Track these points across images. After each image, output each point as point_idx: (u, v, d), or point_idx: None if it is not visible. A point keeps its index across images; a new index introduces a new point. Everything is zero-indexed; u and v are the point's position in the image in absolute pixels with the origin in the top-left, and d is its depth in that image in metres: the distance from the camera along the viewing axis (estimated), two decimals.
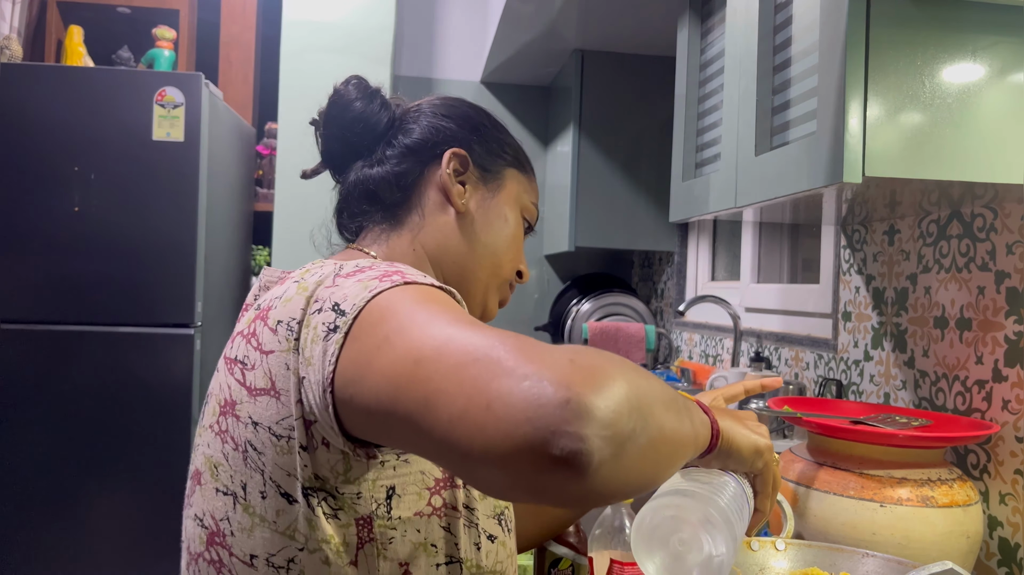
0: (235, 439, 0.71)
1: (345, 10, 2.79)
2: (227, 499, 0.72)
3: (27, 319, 2.47)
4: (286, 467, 0.68)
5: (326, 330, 0.63)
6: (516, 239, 0.95)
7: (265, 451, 0.69)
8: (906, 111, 0.94)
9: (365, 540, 0.70)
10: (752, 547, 1.11)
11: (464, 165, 0.92)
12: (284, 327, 0.68)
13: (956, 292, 1.29)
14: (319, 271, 0.72)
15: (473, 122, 0.95)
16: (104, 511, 2.49)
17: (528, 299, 3.25)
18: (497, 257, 0.93)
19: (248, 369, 0.71)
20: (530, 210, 0.97)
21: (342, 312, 0.63)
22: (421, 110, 0.95)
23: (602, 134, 2.68)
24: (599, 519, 1.05)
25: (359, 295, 0.64)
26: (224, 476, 0.72)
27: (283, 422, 0.68)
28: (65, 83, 2.47)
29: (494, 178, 0.94)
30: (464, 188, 0.92)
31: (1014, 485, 1.16)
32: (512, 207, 0.95)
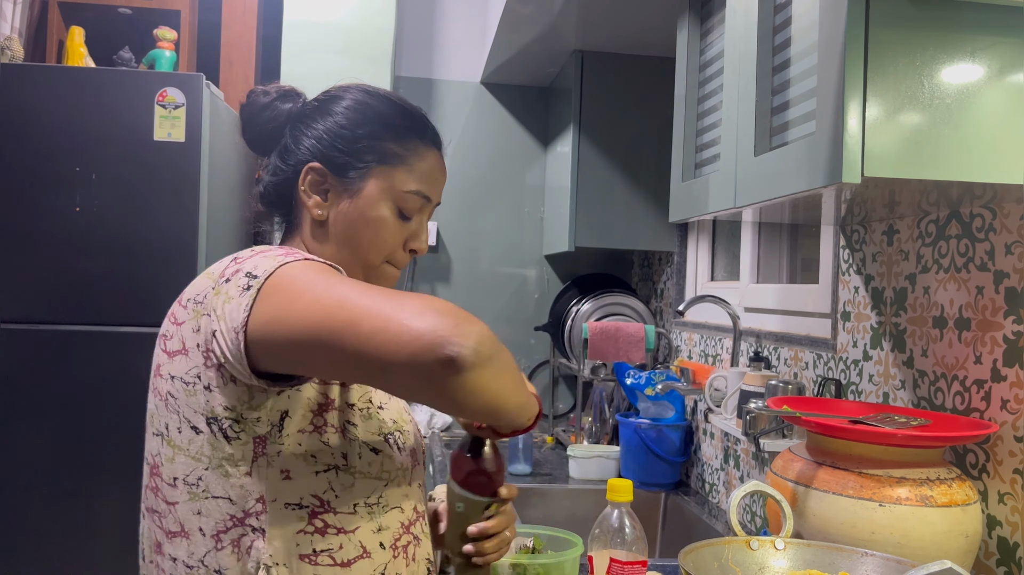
0: (160, 392, 0.93)
1: (345, 11, 2.79)
2: (157, 439, 0.94)
3: (27, 319, 2.47)
4: (193, 406, 0.90)
5: (239, 290, 0.85)
6: (385, 232, 1.02)
7: (178, 396, 0.91)
8: (905, 111, 0.94)
9: (259, 454, 0.90)
10: (752, 547, 1.11)
11: (323, 176, 1.02)
12: (192, 302, 0.91)
13: (955, 292, 1.30)
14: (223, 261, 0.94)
15: (337, 131, 1.02)
16: (104, 511, 2.49)
17: (528, 299, 3.26)
18: (362, 252, 1.02)
19: (168, 339, 0.94)
20: (407, 199, 1.03)
21: (254, 276, 0.85)
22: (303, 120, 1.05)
23: (602, 134, 2.68)
24: (599, 519, 1.06)
25: (269, 264, 0.85)
26: (156, 422, 0.94)
27: (190, 371, 0.90)
28: (66, 84, 2.47)
29: (355, 183, 1.01)
30: (326, 198, 1.02)
31: (1013, 484, 1.17)
32: (378, 205, 1.01)
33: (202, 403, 0.89)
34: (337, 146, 1.02)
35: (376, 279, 1.05)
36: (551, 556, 1.26)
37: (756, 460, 1.94)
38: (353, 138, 1.02)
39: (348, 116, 1.04)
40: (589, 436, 2.60)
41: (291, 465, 0.91)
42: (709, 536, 1.72)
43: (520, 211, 3.25)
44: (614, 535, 1.03)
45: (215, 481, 0.90)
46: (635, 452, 2.27)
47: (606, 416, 2.59)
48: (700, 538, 1.12)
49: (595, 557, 1.04)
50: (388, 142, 1.03)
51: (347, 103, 1.05)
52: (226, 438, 0.89)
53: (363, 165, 1.01)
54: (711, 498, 2.20)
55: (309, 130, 1.03)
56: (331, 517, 0.92)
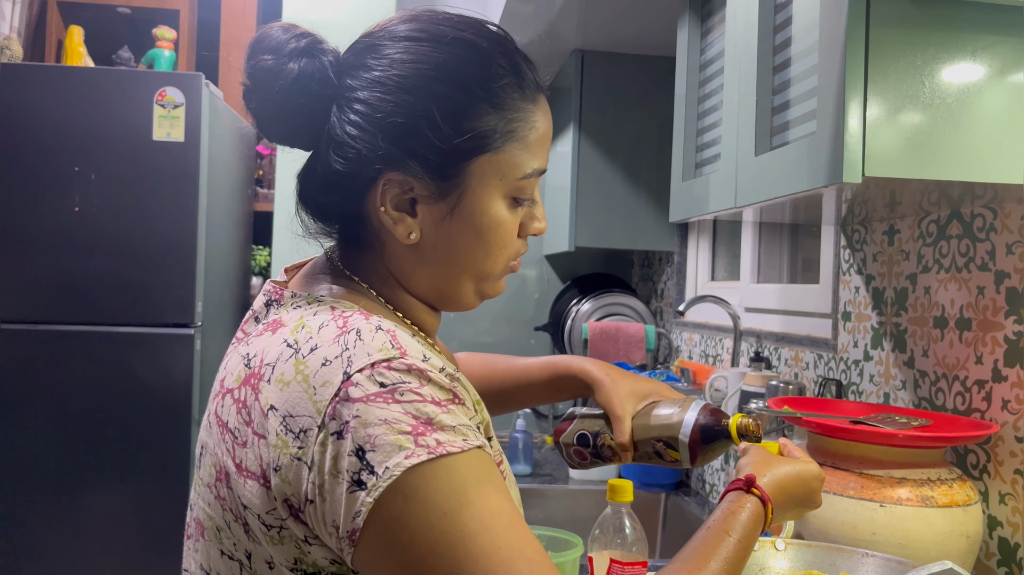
0: (233, 512, 0.70)
1: (345, 10, 2.79)
2: (233, 564, 0.72)
3: (27, 319, 2.47)
4: (285, 554, 0.68)
5: (350, 479, 0.63)
6: (500, 234, 0.78)
7: (258, 538, 0.69)
8: (906, 111, 0.94)
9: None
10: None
11: (407, 186, 0.74)
12: (279, 421, 0.66)
13: (956, 292, 1.30)
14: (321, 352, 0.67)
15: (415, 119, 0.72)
16: (104, 511, 2.49)
17: (528, 299, 3.25)
18: (474, 267, 0.79)
19: (239, 444, 0.69)
20: (523, 187, 0.78)
21: (370, 468, 0.63)
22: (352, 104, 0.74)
23: (602, 134, 2.68)
24: (599, 519, 1.05)
25: (389, 455, 0.63)
26: (227, 542, 0.72)
27: (272, 513, 0.67)
28: (65, 83, 2.47)
29: (454, 185, 0.75)
30: (413, 212, 0.76)
31: (1014, 485, 1.17)
32: (488, 204, 0.76)
33: (293, 555, 0.68)
34: (421, 139, 0.72)
35: (494, 284, 0.83)
36: (551, 556, 1.25)
37: None
38: (440, 123, 0.72)
39: (420, 89, 0.73)
40: None
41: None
42: None
43: None
44: (614, 536, 1.03)
45: None
46: None
47: None
48: None
49: (595, 558, 1.04)
50: (488, 115, 0.74)
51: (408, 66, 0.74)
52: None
53: (463, 160, 0.74)
54: (711, 498, 2.20)
55: (367, 119, 0.73)
56: None
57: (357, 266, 0.81)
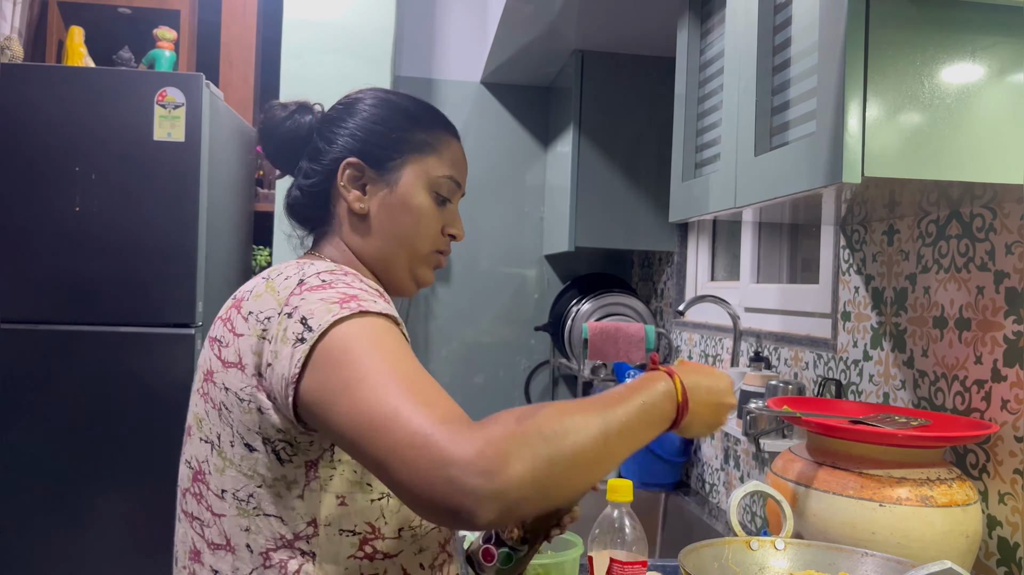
0: (213, 400, 0.92)
1: (345, 10, 2.79)
2: (207, 446, 0.93)
3: (27, 319, 2.47)
4: (248, 423, 0.88)
5: (294, 338, 0.83)
6: (427, 218, 1.05)
7: (232, 410, 0.90)
8: (905, 111, 0.94)
9: (312, 478, 0.89)
10: (752, 547, 1.11)
11: (360, 170, 1.04)
12: (254, 318, 0.89)
13: (955, 292, 1.30)
14: (285, 273, 0.92)
15: (372, 124, 1.05)
16: (104, 511, 2.49)
17: (528, 299, 3.26)
18: (409, 242, 1.05)
19: (223, 346, 0.92)
20: (441, 184, 1.06)
21: (309, 327, 0.83)
22: (331, 123, 1.08)
23: (602, 134, 2.68)
24: (599, 519, 1.06)
25: (323, 316, 0.83)
26: (206, 428, 0.94)
27: (245, 389, 0.88)
28: (66, 83, 2.47)
29: (391, 173, 1.04)
30: (364, 192, 1.05)
31: (1013, 485, 1.17)
32: (417, 192, 1.05)
33: (256, 422, 0.88)
34: (372, 140, 1.05)
35: (424, 269, 1.08)
36: (551, 556, 1.26)
37: (756, 460, 1.94)
38: (386, 131, 1.05)
39: (377, 112, 1.07)
40: None
41: (347, 491, 0.90)
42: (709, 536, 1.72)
43: (520, 211, 3.25)
44: (614, 535, 1.03)
45: (267, 500, 0.89)
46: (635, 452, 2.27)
47: None
48: (700, 538, 1.12)
49: (595, 557, 1.04)
50: (418, 132, 1.06)
51: (371, 102, 1.08)
52: (279, 460, 0.88)
53: (399, 155, 1.04)
54: (711, 498, 2.20)
55: (340, 129, 1.06)
56: (380, 543, 0.91)
57: (322, 246, 1.08)
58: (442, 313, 3.20)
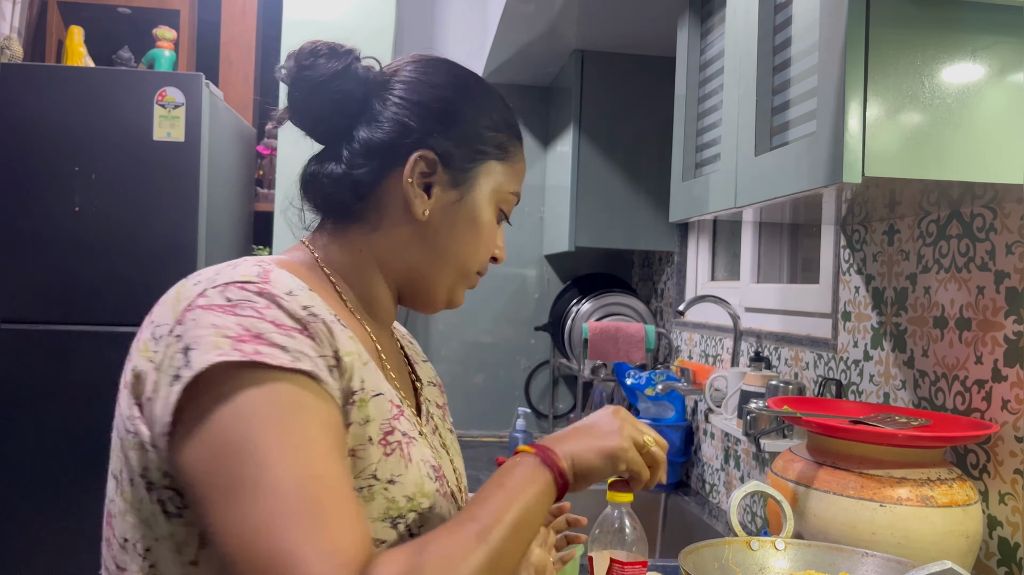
0: (116, 427, 0.75)
1: (345, 10, 2.79)
2: (113, 482, 0.76)
3: (27, 319, 2.47)
4: (134, 462, 0.71)
5: (172, 373, 0.68)
6: (486, 236, 0.88)
7: (124, 440, 0.73)
8: (906, 111, 0.94)
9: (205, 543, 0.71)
10: (752, 547, 1.11)
11: (432, 167, 0.84)
12: (149, 331, 0.73)
13: (956, 292, 1.30)
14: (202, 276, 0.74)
15: (451, 110, 0.85)
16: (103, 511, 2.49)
17: (528, 299, 3.26)
18: (462, 260, 0.88)
19: (128, 360, 0.75)
20: (508, 201, 0.90)
21: (188, 363, 0.67)
22: (392, 91, 0.85)
23: (602, 134, 2.68)
24: (599, 519, 1.05)
25: (206, 353, 0.66)
26: (112, 460, 0.76)
27: (130, 418, 0.72)
28: (66, 83, 2.47)
29: (467, 178, 0.86)
30: (429, 194, 0.85)
31: (1014, 485, 1.17)
32: (486, 205, 0.87)
33: (141, 461, 0.71)
34: (454, 132, 0.85)
35: (461, 289, 0.91)
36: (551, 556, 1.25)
37: (756, 460, 1.94)
38: (469, 121, 0.86)
39: (458, 88, 0.86)
40: None
41: None
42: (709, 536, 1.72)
43: (520, 211, 3.25)
44: (614, 535, 1.03)
45: (165, 558, 0.72)
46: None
47: None
48: (700, 538, 1.12)
49: (595, 558, 1.04)
50: (503, 133, 0.88)
51: (458, 80, 0.88)
52: (165, 513, 0.71)
53: (480, 158, 0.86)
54: (711, 498, 2.20)
55: (411, 101, 0.84)
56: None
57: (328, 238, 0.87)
58: (442, 313, 3.19)
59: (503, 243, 0.93)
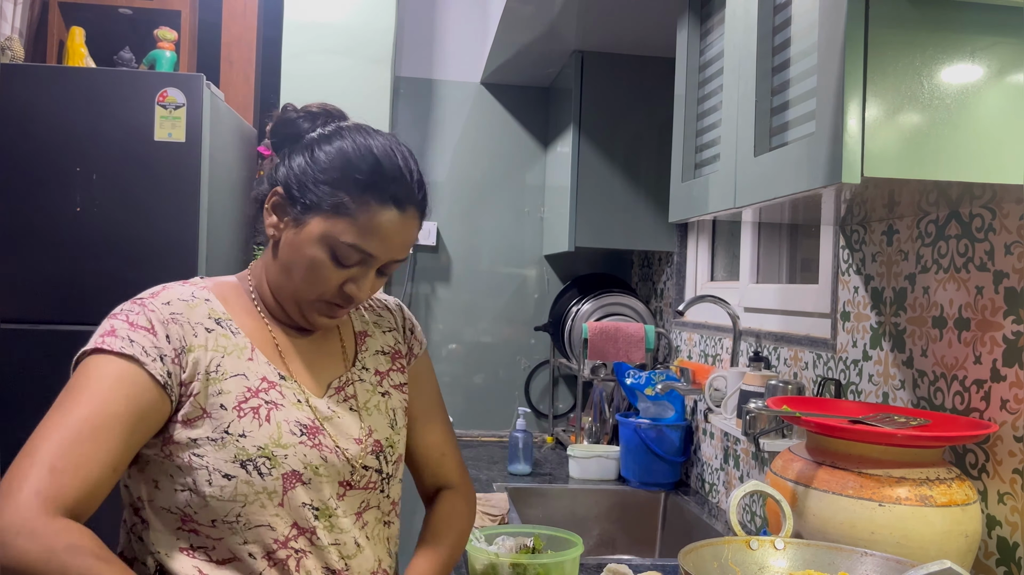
0: None
1: (346, 11, 2.80)
2: None
3: (27, 319, 2.47)
4: None
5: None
6: (316, 272, 1.07)
7: None
8: (905, 112, 0.95)
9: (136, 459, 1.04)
10: (751, 547, 1.11)
11: (282, 202, 1.09)
12: None
13: (954, 292, 1.30)
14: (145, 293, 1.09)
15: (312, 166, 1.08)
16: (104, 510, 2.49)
17: (528, 299, 3.26)
18: (293, 283, 1.09)
19: None
20: (342, 248, 1.06)
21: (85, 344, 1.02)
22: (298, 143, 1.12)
23: (602, 134, 2.68)
24: None
25: (89, 342, 1.01)
26: None
27: None
28: (67, 84, 2.47)
29: (302, 219, 1.07)
30: (281, 222, 1.10)
31: (1012, 484, 1.17)
32: (314, 246, 1.06)
33: None
34: (301, 181, 1.08)
35: (311, 313, 1.11)
36: (551, 556, 1.26)
37: (756, 460, 1.95)
38: (315, 180, 1.07)
39: (324, 159, 1.09)
40: (589, 436, 2.60)
41: (156, 476, 1.03)
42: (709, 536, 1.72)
43: (520, 211, 3.25)
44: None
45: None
46: (635, 452, 2.27)
47: (606, 416, 2.60)
48: (700, 538, 1.13)
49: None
50: (344, 194, 1.06)
51: (334, 147, 1.10)
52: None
53: (312, 206, 1.06)
54: (711, 498, 2.20)
55: (293, 158, 1.11)
56: (197, 526, 1.03)
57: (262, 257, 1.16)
58: (442, 313, 3.20)
59: (365, 284, 1.09)
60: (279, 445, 1.05)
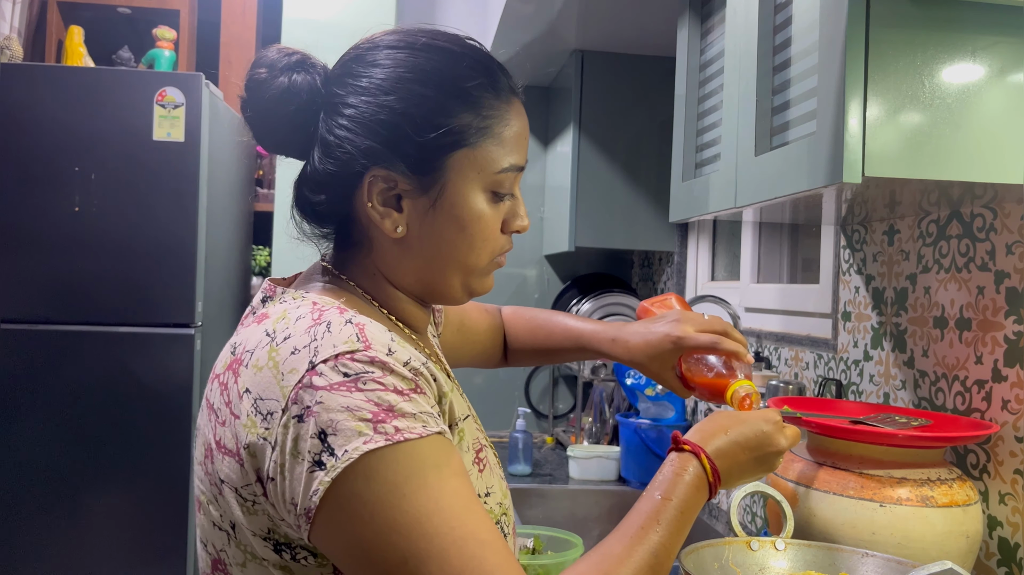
0: (216, 484, 0.75)
1: (345, 10, 2.79)
2: (222, 534, 0.76)
3: (27, 319, 2.47)
4: (254, 527, 0.73)
5: (310, 458, 0.67)
6: (480, 227, 0.82)
7: (233, 508, 0.73)
8: (906, 111, 0.94)
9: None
10: (752, 547, 1.11)
11: (391, 182, 0.79)
12: (251, 403, 0.71)
13: (956, 292, 1.30)
14: (294, 339, 0.72)
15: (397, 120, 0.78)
16: (104, 511, 2.49)
17: (528, 299, 3.25)
18: (462, 261, 0.83)
19: (219, 423, 0.74)
20: (501, 181, 0.82)
21: (330, 450, 0.67)
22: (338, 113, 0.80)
23: (602, 134, 2.68)
24: None
25: (349, 439, 0.67)
26: (215, 514, 0.76)
27: (246, 488, 0.72)
28: (66, 83, 2.47)
29: (435, 179, 0.79)
30: (399, 208, 0.80)
31: (1013, 485, 1.17)
32: (468, 196, 0.81)
33: (266, 524, 0.73)
34: (401, 136, 0.78)
35: (481, 280, 0.87)
36: (551, 556, 1.26)
37: None
38: (420, 121, 0.78)
39: (399, 91, 0.79)
40: (589, 436, 2.60)
41: None
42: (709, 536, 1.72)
43: None
44: None
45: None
46: (635, 452, 2.27)
47: (606, 416, 2.59)
48: (700, 538, 1.12)
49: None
50: (464, 114, 0.80)
51: (389, 71, 0.80)
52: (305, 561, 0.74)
53: (440, 155, 0.79)
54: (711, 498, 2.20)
55: (353, 120, 0.79)
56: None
57: (347, 265, 0.86)
58: None
59: (522, 210, 0.87)
60: (503, 493, 0.86)
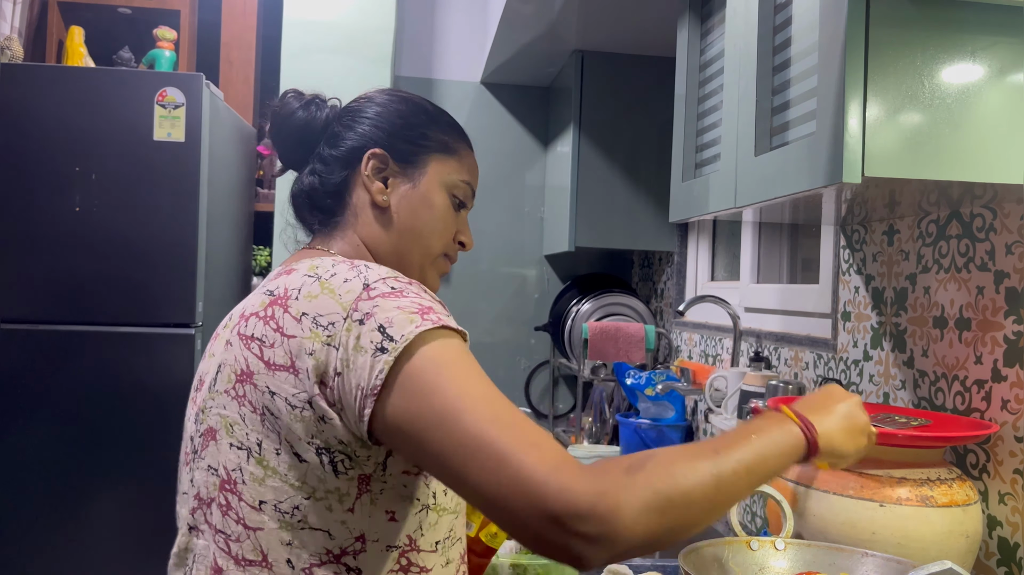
0: (252, 403, 0.86)
1: (346, 10, 2.79)
2: (241, 453, 0.87)
3: (27, 319, 2.47)
4: (299, 432, 0.84)
5: (372, 347, 0.80)
6: (444, 218, 1.04)
7: (281, 416, 0.84)
8: (905, 111, 0.94)
9: (363, 491, 0.86)
10: (752, 547, 1.11)
11: (384, 162, 1.03)
12: (311, 321, 0.84)
13: (955, 292, 1.30)
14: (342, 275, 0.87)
15: (396, 119, 1.04)
16: (104, 511, 2.49)
17: (528, 299, 3.26)
18: (424, 239, 1.04)
19: (266, 346, 0.86)
20: (459, 188, 1.06)
21: (389, 337, 0.80)
22: (352, 113, 1.06)
23: (602, 134, 2.68)
24: None
25: (405, 326, 0.81)
26: (239, 433, 0.88)
27: (298, 395, 0.83)
28: (66, 83, 2.47)
29: (415, 168, 1.04)
30: (386, 184, 1.03)
31: (1013, 485, 1.17)
32: (437, 191, 1.04)
33: (311, 431, 0.84)
34: (397, 133, 1.04)
35: (432, 272, 1.06)
36: None
37: None
38: (410, 126, 1.04)
39: (400, 108, 1.06)
40: (589, 436, 2.60)
41: (396, 506, 0.88)
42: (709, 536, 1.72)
43: (520, 211, 3.25)
44: None
45: (315, 513, 0.85)
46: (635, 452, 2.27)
47: (606, 416, 2.59)
48: (700, 538, 1.12)
49: None
50: (442, 134, 1.06)
51: (392, 97, 1.07)
52: (335, 472, 0.85)
53: (424, 152, 1.04)
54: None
55: (363, 119, 1.04)
56: (414, 555, 0.90)
57: (334, 241, 1.04)
58: None
59: (469, 231, 1.09)
60: None
